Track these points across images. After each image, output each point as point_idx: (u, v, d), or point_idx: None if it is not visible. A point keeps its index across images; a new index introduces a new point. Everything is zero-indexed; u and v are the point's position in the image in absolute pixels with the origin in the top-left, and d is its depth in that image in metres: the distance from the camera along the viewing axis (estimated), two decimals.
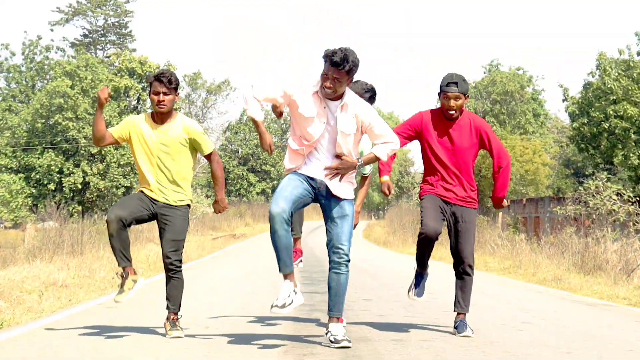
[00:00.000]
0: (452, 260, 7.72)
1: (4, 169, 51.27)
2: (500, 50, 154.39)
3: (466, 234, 7.53)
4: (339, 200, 6.69)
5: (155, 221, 7.42)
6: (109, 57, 65.84)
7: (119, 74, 56.76)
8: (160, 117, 7.30)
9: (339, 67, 6.43)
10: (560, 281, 14.99)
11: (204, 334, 7.45)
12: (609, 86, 33.77)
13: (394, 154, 7.12)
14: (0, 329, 7.86)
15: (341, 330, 6.67)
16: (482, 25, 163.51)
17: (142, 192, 7.38)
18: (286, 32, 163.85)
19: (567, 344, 7.21)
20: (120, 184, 51.82)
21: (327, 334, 6.70)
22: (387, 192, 7.56)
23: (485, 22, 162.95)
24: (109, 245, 7.37)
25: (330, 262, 6.69)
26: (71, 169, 51.44)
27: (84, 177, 51.52)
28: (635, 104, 33.31)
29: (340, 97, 6.62)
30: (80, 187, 51.43)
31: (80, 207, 51.19)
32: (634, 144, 33.75)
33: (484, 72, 65.79)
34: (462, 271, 7.58)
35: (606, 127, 34.10)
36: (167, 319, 7.34)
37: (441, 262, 20.93)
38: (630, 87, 33.29)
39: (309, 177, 6.72)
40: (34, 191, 51.10)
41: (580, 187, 25.75)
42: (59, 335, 7.34)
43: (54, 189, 51.14)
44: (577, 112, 36.21)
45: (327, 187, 6.69)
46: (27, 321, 8.42)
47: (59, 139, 51.93)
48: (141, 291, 7.62)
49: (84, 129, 51.20)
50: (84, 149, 51.77)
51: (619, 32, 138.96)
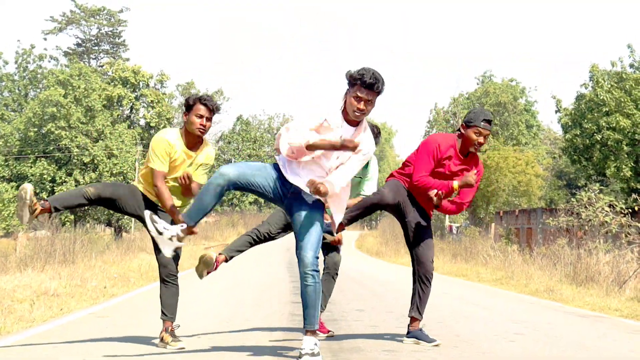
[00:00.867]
0: (446, 271, 7.72)
1: None
2: (493, 61, 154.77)
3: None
4: (308, 205, 6.35)
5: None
6: (102, 66, 65.89)
7: (112, 83, 56.76)
8: (195, 139, 7.29)
9: (373, 89, 6.18)
10: (552, 292, 14.99)
11: (197, 343, 7.43)
12: (602, 98, 33.88)
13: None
14: None
15: (309, 343, 6.20)
16: (475, 36, 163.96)
17: (145, 193, 7.32)
18: (283, 35, 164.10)
19: (559, 355, 7.20)
20: None
21: None
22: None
23: (479, 34, 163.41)
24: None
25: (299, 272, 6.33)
26: (64, 178, 51.36)
27: (76, 186, 51.42)
28: (627, 115, 33.41)
29: (357, 122, 6.36)
30: None
31: (72, 216, 51.08)
32: (626, 156, 33.84)
33: (477, 83, 65.98)
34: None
35: (599, 138, 34.19)
36: (165, 330, 7.19)
37: (434, 274, 20.96)
38: (622, 99, 33.39)
39: (287, 182, 6.39)
40: None
41: (572, 199, 25.77)
42: (50, 344, 7.31)
43: (46, 197, 50.99)
44: (569, 123, 36.30)
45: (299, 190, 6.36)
46: (18, 330, 8.39)
47: (51, 148, 51.86)
48: (135, 299, 7.59)
49: (76, 137, 51.14)
50: (76, 158, 51.70)
51: (611, 45, 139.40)
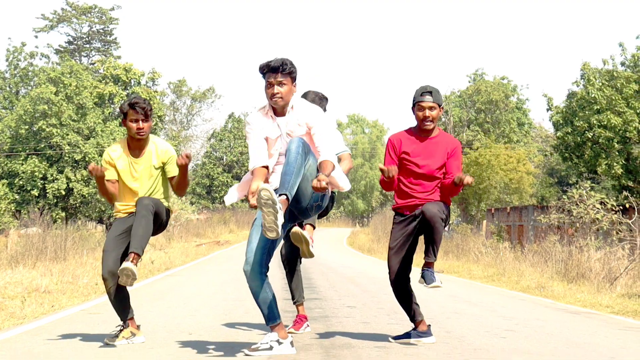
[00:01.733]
0: (437, 268, 7.72)
1: None
2: (485, 59, 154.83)
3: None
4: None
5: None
6: (93, 64, 65.76)
7: (104, 81, 56.65)
8: (139, 144, 7.35)
9: (279, 71, 6.52)
10: (543, 289, 15.03)
11: (187, 339, 7.43)
12: (593, 96, 33.93)
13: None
14: None
15: (265, 338, 6.53)
16: (467, 34, 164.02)
17: (116, 221, 7.35)
18: (275, 32, 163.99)
19: (550, 351, 7.22)
20: None
21: None
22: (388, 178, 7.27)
23: (470, 32, 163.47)
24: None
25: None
26: (55, 175, 51.25)
27: (67, 183, 51.33)
28: (618, 113, 33.47)
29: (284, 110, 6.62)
30: (63, 193, 51.23)
31: (63, 214, 50.99)
32: (617, 154, 33.90)
33: (469, 81, 66.02)
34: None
35: (590, 136, 34.24)
36: (128, 259, 6.98)
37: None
38: (614, 97, 33.44)
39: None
40: (17, 197, 50.88)
41: (564, 196, 25.82)
42: (42, 340, 7.31)
43: (37, 195, 50.93)
44: (561, 121, 36.33)
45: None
46: (10, 327, 8.38)
47: (42, 145, 51.75)
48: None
49: (67, 135, 51.03)
50: (67, 155, 51.59)
51: (603, 43, 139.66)
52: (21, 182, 51.14)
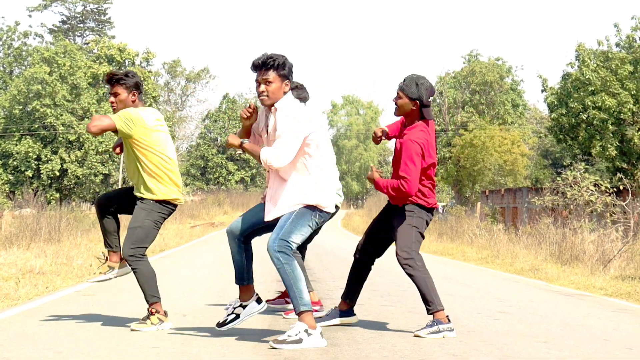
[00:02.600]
0: (432, 250, 7.65)
1: None
2: (479, 40, 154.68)
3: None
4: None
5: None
6: (87, 43, 65.56)
7: (98, 61, 56.49)
8: None
9: (263, 67, 6.35)
10: (537, 271, 15.06)
11: (181, 321, 7.43)
12: (588, 77, 33.91)
13: None
14: None
15: (292, 329, 6.26)
16: (462, 15, 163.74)
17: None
18: (270, 14, 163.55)
19: (544, 333, 7.24)
20: (98, 172, 51.63)
21: None
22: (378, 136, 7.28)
23: (465, 12, 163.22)
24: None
25: None
26: (49, 156, 51.19)
27: (62, 164, 51.28)
28: (613, 95, 33.47)
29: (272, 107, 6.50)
30: (58, 174, 51.20)
31: (58, 195, 50.97)
32: (611, 135, 33.93)
33: (464, 62, 65.86)
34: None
35: (584, 118, 34.25)
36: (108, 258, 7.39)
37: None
38: (608, 79, 33.44)
39: None
40: (11, 178, 50.84)
41: (558, 178, 25.84)
42: (36, 322, 7.31)
43: (31, 175, 50.88)
44: (555, 102, 36.32)
45: None
46: (4, 308, 8.38)
47: (36, 126, 51.64)
48: (119, 279, 7.57)
49: (61, 115, 50.93)
50: (62, 135, 51.51)
51: (598, 24, 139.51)
52: (15, 163, 51.07)
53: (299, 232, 6.34)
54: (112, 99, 7.23)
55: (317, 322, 6.42)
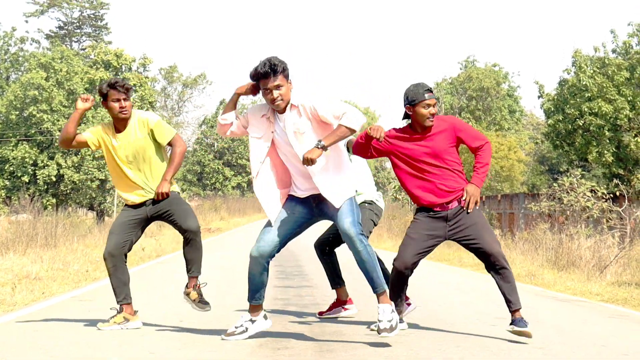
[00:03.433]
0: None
1: None
2: (476, 46, 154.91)
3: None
4: (336, 210, 6.48)
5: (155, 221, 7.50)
6: (84, 49, 65.52)
7: (95, 67, 56.48)
8: (122, 123, 7.36)
9: (271, 75, 6.43)
10: (534, 277, 15.06)
11: (178, 326, 7.43)
12: (584, 83, 33.95)
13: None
14: None
15: (385, 314, 6.47)
16: (458, 21, 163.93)
17: (125, 208, 7.41)
18: (267, 19, 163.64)
19: (541, 339, 7.24)
20: (95, 177, 51.57)
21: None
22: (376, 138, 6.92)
23: (461, 18, 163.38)
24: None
25: (350, 249, 6.62)
26: (45, 162, 51.13)
27: (58, 169, 51.22)
28: (610, 101, 33.51)
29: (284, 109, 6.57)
30: (54, 179, 51.13)
31: (54, 200, 50.90)
32: (608, 141, 33.97)
33: (460, 68, 66.03)
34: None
35: (581, 124, 34.29)
36: (189, 286, 7.41)
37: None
38: (605, 85, 33.49)
39: (301, 199, 6.65)
40: (7, 183, 50.77)
41: (554, 184, 25.88)
42: (32, 327, 7.30)
43: (27, 181, 50.83)
44: (552, 108, 36.37)
45: (320, 202, 6.56)
46: (0, 314, 8.37)
47: (33, 131, 51.60)
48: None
49: (58, 121, 50.88)
50: (58, 141, 51.51)
51: (594, 30, 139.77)
52: (11, 168, 51.02)
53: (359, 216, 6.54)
54: (125, 104, 7.30)
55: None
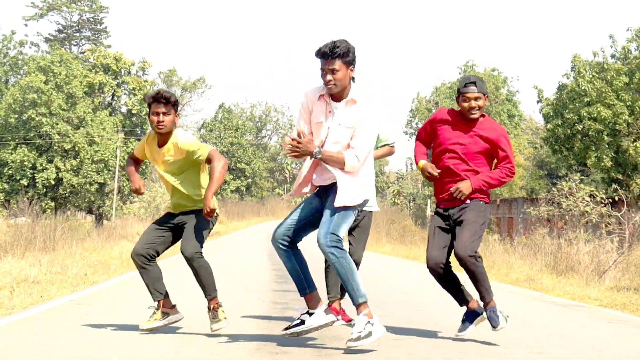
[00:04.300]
0: (423, 260, 7.67)
1: None
2: (475, 50, 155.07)
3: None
4: (331, 208, 6.38)
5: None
6: (83, 52, 65.58)
7: (94, 70, 56.50)
8: (161, 138, 7.28)
9: (330, 56, 6.25)
10: (532, 282, 15.06)
11: (177, 327, 7.42)
12: (583, 88, 33.96)
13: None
14: None
15: (357, 325, 6.26)
16: (458, 25, 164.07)
17: (166, 214, 7.52)
18: (266, 22, 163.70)
19: (539, 344, 7.24)
20: (93, 181, 51.57)
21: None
22: (429, 175, 7.24)
23: (461, 23, 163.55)
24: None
25: None
26: (44, 165, 51.13)
27: (57, 173, 51.22)
28: (608, 106, 33.51)
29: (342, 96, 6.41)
30: (53, 183, 51.12)
31: (53, 203, 50.88)
32: (607, 146, 33.97)
33: (460, 73, 65.99)
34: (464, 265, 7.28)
35: (580, 129, 34.29)
36: (208, 309, 7.35)
37: (415, 262, 21.02)
38: (604, 90, 33.49)
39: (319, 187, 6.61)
40: (6, 187, 50.76)
41: (553, 189, 25.89)
42: (31, 330, 7.29)
43: (26, 184, 50.82)
44: (551, 113, 36.37)
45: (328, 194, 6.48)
46: None
47: (32, 135, 51.60)
48: (116, 286, 7.57)
49: (57, 124, 50.89)
50: (57, 144, 51.47)
51: (593, 35, 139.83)
52: (10, 172, 51.01)
53: (345, 225, 6.35)
54: (161, 118, 7.16)
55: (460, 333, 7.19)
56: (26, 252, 15.80)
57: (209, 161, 7.19)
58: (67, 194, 52.08)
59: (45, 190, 51.49)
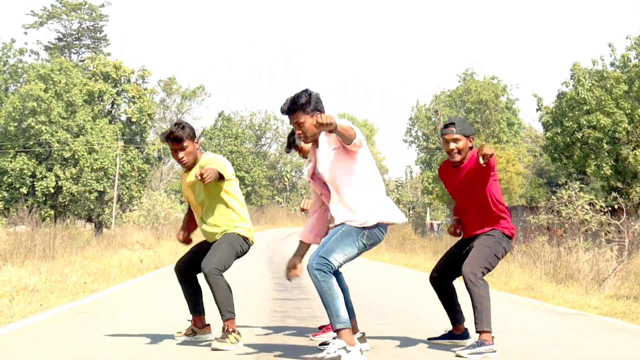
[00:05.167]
0: (427, 269, 7.70)
1: None
2: (475, 59, 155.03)
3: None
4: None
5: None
6: (83, 60, 65.62)
7: (93, 78, 56.54)
8: (191, 168, 7.29)
9: (292, 112, 6.27)
10: (532, 290, 15.04)
11: (176, 339, 7.42)
12: (583, 96, 33.99)
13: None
14: None
15: (330, 347, 6.14)
16: (457, 33, 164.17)
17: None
18: (266, 31, 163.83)
19: (538, 353, 7.23)
20: (93, 189, 51.58)
21: None
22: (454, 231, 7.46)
23: (460, 31, 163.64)
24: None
25: None
26: (44, 173, 51.14)
27: (56, 181, 51.23)
28: (608, 114, 33.54)
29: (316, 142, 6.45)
30: (52, 191, 51.13)
31: (52, 212, 50.89)
32: (606, 154, 33.98)
33: (459, 81, 66.07)
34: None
35: (579, 137, 34.31)
36: (222, 328, 7.14)
37: (414, 270, 21.01)
38: (603, 98, 33.51)
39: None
40: (5, 195, 50.77)
41: (553, 197, 25.87)
42: (30, 339, 7.29)
43: (26, 192, 50.82)
44: (550, 121, 36.39)
45: None
46: None
47: (31, 143, 51.62)
48: (116, 294, 7.57)
49: (57, 132, 50.92)
50: (56, 152, 51.48)
51: (593, 43, 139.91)
52: (10, 180, 51.02)
53: (342, 252, 6.25)
54: (180, 155, 7.13)
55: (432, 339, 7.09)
56: (26, 261, 15.79)
57: (222, 177, 7.04)
58: (66, 202, 52.08)
59: (44, 198, 51.49)
